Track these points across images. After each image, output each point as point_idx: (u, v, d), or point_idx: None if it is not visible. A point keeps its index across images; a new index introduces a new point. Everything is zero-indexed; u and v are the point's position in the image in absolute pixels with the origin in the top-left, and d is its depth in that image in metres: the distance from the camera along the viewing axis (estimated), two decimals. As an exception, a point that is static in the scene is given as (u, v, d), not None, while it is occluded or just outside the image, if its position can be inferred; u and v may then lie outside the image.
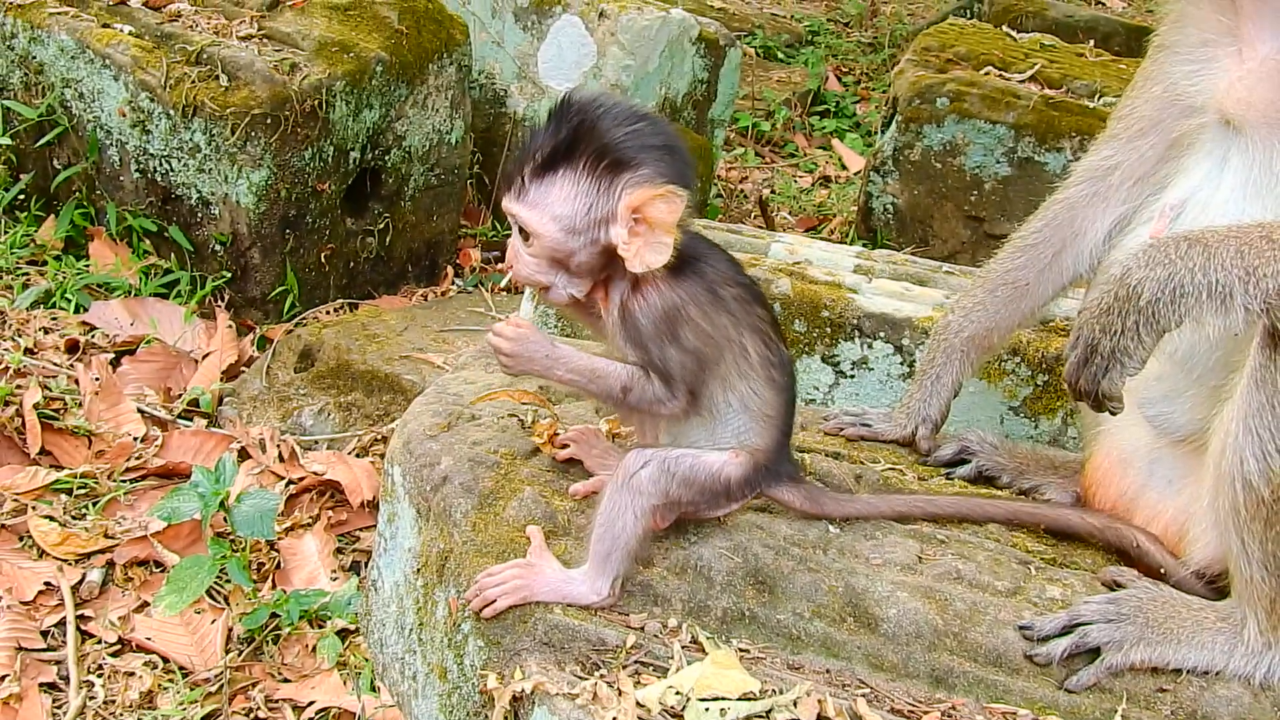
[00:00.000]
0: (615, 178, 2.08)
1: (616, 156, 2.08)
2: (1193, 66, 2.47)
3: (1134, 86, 2.63)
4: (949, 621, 2.25)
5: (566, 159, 2.08)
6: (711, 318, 2.18)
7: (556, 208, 2.10)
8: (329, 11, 4.96)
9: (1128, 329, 2.15)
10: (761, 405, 2.26)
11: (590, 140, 2.08)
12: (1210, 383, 2.35)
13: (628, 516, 2.16)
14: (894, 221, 6.01)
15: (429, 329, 4.72)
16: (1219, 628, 2.25)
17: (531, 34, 5.79)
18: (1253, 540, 2.17)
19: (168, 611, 3.31)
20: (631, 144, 2.09)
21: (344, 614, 3.53)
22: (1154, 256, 2.15)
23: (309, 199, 4.78)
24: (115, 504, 3.88)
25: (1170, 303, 2.12)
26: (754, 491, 2.31)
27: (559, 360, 2.17)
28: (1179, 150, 2.51)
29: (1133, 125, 2.60)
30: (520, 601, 2.17)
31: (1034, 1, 8.56)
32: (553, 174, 2.09)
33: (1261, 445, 2.12)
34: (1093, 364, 2.20)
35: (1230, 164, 2.36)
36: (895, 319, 3.26)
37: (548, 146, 2.09)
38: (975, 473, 2.80)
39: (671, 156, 2.12)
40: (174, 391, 4.44)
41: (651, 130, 2.12)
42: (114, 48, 4.71)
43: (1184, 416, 2.43)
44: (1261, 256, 2.09)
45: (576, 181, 2.09)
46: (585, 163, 2.08)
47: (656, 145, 2.11)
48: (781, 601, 2.26)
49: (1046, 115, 5.67)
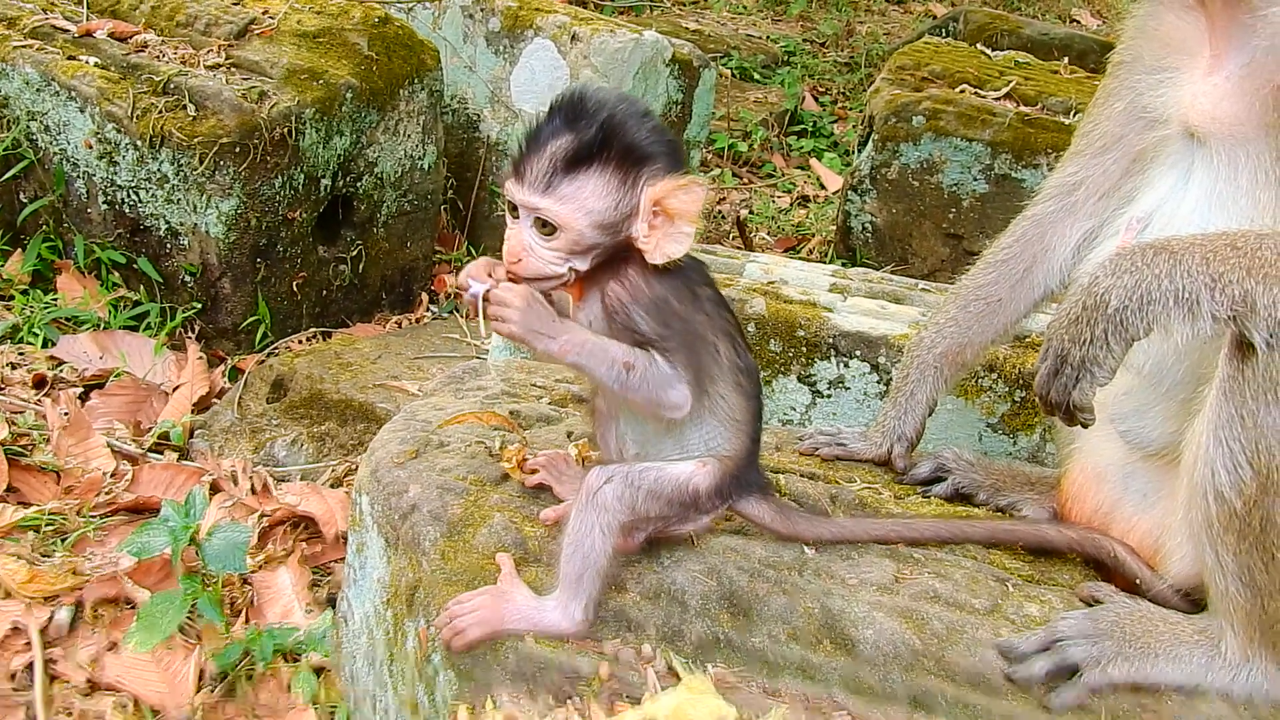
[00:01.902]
0: (639, 172, 2.12)
1: (641, 152, 2.13)
2: (1156, 79, 2.49)
3: (1096, 103, 2.66)
4: (927, 642, 2.24)
5: (598, 154, 2.11)
6: (692, 314, 2.20)
7: (590, 202, 2.12)
8: (297, 39, 4.97)
9: (1096, 338, 2.16)
10: (730, 410, 2.26)
11: (619, 136, 2.11)
12: (1180, 396, 2.36)
13: (595, 535, 2.15)
14: (873, 240, 6.03)
15: (403, 356, 4.71)
16: (1196, 641, 2.26)
17: (503, 58, 5.81)
18: (1226, 553, 2.18)
19: (138, 650, 3.28)
20: (651, 139, 2.14)
21: (319, 649, 3.50)
22: (1120, 264, 2.16)
23: (280, 228, 4.78)
24: (84, 541, 3.85)
25: (1138, 310, 2.13)
26: (724, 502, 2.31)
27: (564, 329, 2.15)
28: (1144, 164, 2.53)
29: (1096, 141, 2.62)
30: (490, 631, 2.15)
31: (1008, 20, 8.64)
32: (585, 169, 2.11)
33: (1232, 457, 2.13)
34: (1063, 375, 2.20)
35: (1195, 176, 2.38)
36: (871, 337, 3.27)
37: (575, 142, 2.11)
38: (952, 490, 2.80)
39: (679, 150, 2.19)
40: (144, 425, 4.41)
41: (658, 126, 2.18)
42: (80, 79, 4.71)
43: (1155, 430, 2.44)
44: (1227, 263, 2.10)
45: (606, 176, 2.12)
46: (615, 158, 2.11)
47: (668, 140, 2.18)
48: (757, 625, 2.25)
49: (1022, 132, 5.71)
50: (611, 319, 2.17)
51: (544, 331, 2.13)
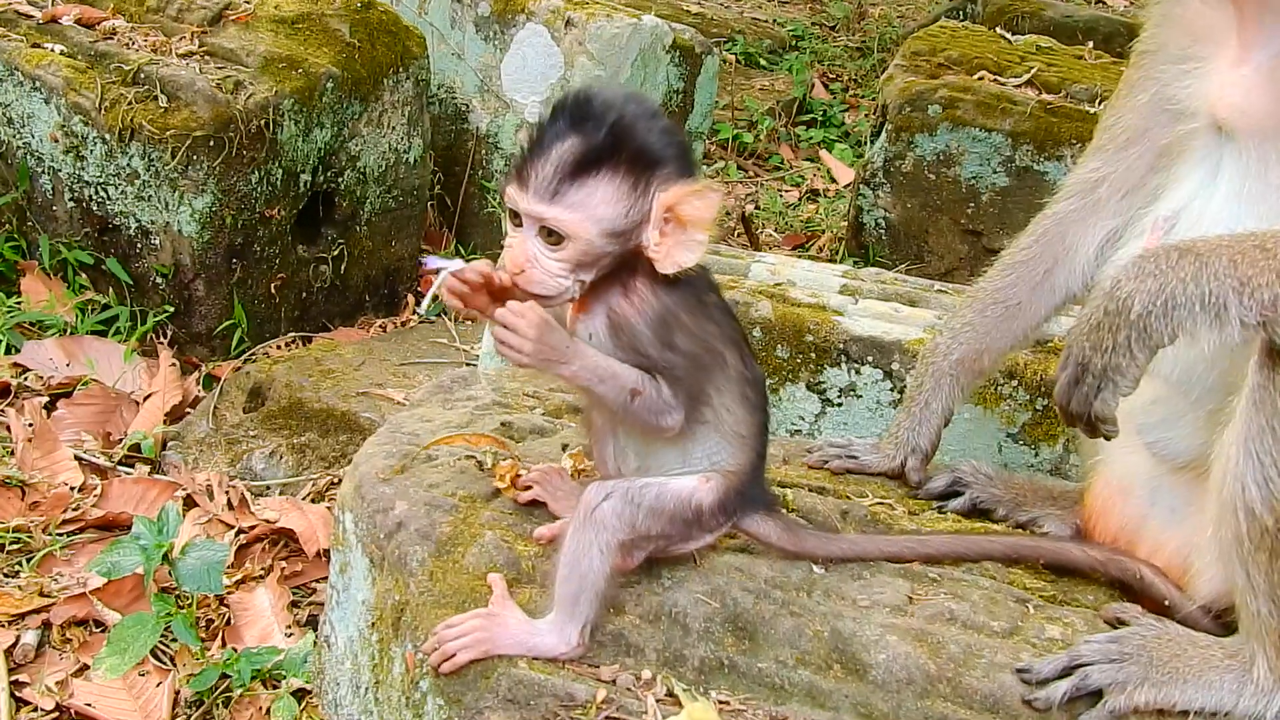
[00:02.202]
0: (651, 177, 2.12)
1: (653, 155, 2.13)
2: (1182, 70, 2.50)
3: (1119, 95, 2.68)
4: (942, 666, 2.26)
5: (608, 160, 2.10)
6: (701, 324, 2.21)
7: (601, 210, 2.11)
8: (275, 25, 4.99)
9: (1119, 345, 2.17)
10: (735, 424, 2.28)
11: (630, 139, 2.11)
12: (1208, 406, 2.37)
13: (593, 555, 2.17)
14: (886, 237, 6.05)
15: (388, 363, 4.73)
16: (1227, 665, 2.27)
17: (494, 45, 5.83)
18: (1258, 572, 2.18)
19: (109, 674, 3.30)
20: (662, 142, 2.14)
21: (299, 673, 3.52)
22: (1144, 268, 2.18)
23: (257, 226, 4.80)
24: (51, 560, 3.87)
25: (1162, 315, 2.14)
26: (729, 520, 2.32)
27: (578, 354, 2.15)
28: (1169, 159, 2.55)
29: (1119, 136, 2.64)
30: (482, 655, 2.17)
31: (1030, 2, 8.66)
32: (595, 174, 2.10)
33: (1263, 471, 2.14)
34: (1084, 384, 2.22)
35: (1224, 173, 2.40)
36: (884, 342, 3.29)
37: (583, 145, 2.10)
38: (969, 505, 2.82)
39: (691, 154, 2.20)
40: (114, 436, 4.43)
41: (669, 127, 2.18)
42: (44, 69, 4.73)
43: (1184, 442, 2.46)
44: (1256, 266, 2.12)
45: (617, 183, 2.11)
46: (625, 162, 2.11)
47: (680, 142, 2.18)
48: (763, 649, 2.27)
49: (1045, 121, 5.72)
50: (617, 335, 2.18)
51: (557, 359, 2.13)
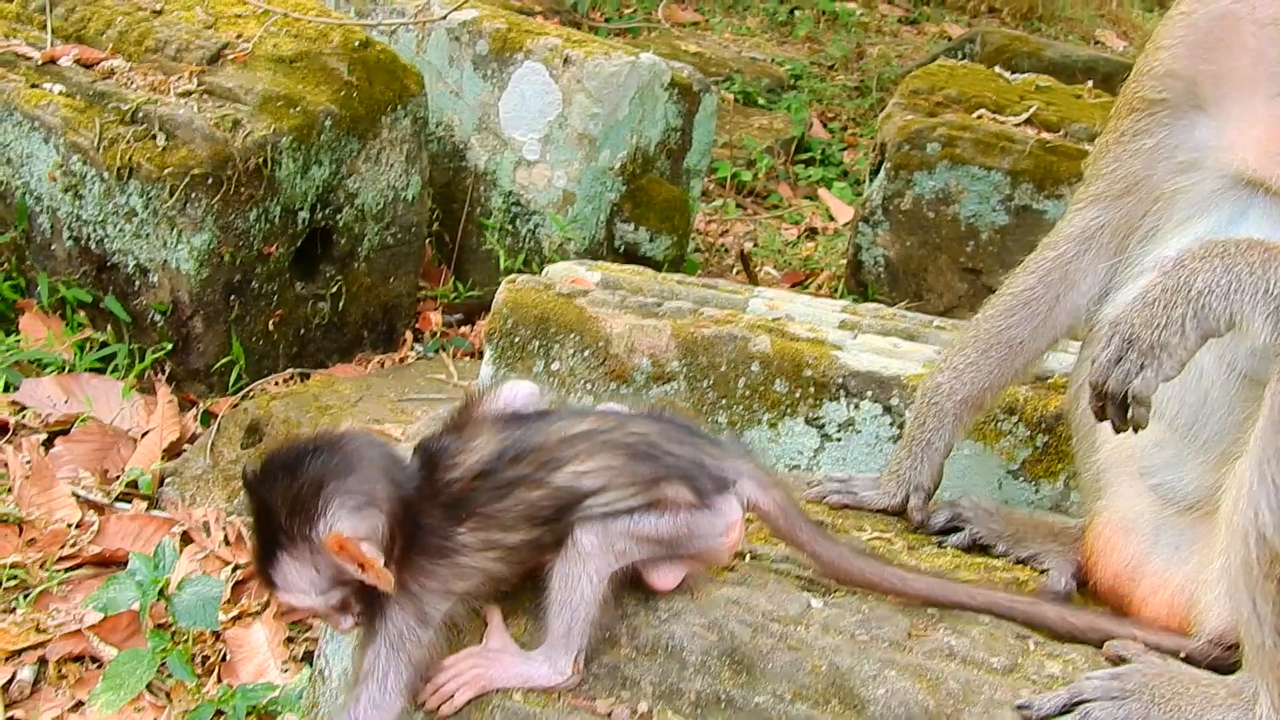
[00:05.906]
0: (313, 535, 2.19)
1: (301, 517, 2.20)
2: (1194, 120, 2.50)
3: (1118, 139, 2.66)
4: (941, 702, 2.25)
5: (275, 540, 2.22)
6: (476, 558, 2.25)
7: (297, 583, 2.24)
8: (273, 64, 5.02)
9: (1173, 320, 2.16)
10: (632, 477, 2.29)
11: (272, 516, 2.22)
12: (1218, 449, 2.37)
13: (583, 584, 2.19)
14: (885, 275, 6.07)
15: (386, 398, 4.74)
16: (1229, 704, 2.26)
17: (492, 83, 5.86)
18: (1265, 602, 2.17)
19: (104, 710, 3.29)
20: (305, 496, 2.20)
21: (295, 708, 3.51)
22: (1211, 249, 2.18)
23: (255, 263, 4.81)
24: (48, 596, 3.86)
25: (1224, 295, 2.14)
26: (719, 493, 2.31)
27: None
28: (1171, 203, 2.54)
29: (1117, 184, 2.64)
30: (480, 692, 2.19)
31: (1028, 41, 8.72)
32: (275, 558, 2.23)
33: (1277, 495, 2.12)
34: (1126, 360, 2.19)
35: (1249, 219, 2.39)
36: (883, 377, 3.29)
37: (257, 535, 2.26)
38: (969, 541, 2.82)
39: (352, 473, 2.24)
40: (111, 473, 4.43)
41: (321, 463, 2.24)
42: (43, 109, 4.76)
43: (1190, 485, 2.46)
44: None
45: (294, 555, 2.22)
46: (284, 535, 2.21)
47: (334, 476, 2.23)
48: (760, 683, 2.26)
49: (1044, 160, 5.75)
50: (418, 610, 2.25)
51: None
